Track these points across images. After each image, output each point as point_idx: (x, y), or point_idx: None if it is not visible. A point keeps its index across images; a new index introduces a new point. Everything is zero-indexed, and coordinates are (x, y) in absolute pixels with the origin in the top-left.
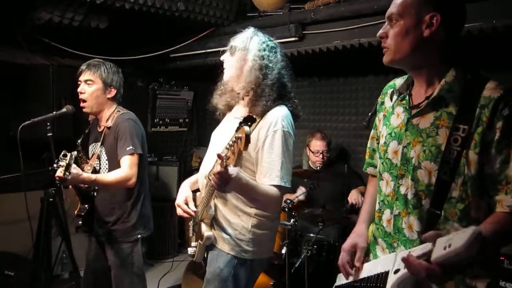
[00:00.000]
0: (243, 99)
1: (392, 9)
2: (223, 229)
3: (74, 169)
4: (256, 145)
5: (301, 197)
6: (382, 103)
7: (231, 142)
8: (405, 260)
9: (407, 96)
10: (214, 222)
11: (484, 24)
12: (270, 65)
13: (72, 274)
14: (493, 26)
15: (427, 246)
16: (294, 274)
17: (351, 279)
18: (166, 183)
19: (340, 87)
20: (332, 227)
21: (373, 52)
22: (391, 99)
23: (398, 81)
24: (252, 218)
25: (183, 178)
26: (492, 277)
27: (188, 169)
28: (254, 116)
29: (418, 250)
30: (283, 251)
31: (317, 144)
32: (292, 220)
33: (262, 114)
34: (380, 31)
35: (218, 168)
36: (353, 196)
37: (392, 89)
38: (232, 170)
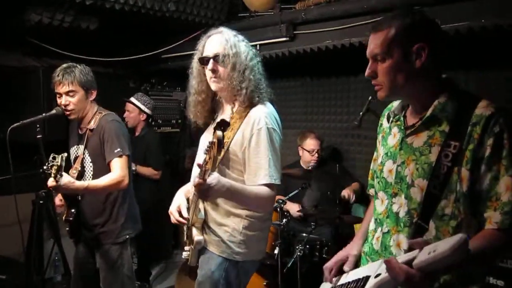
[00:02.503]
0: (230, 102)
1: (375, 49)
2: (214, 232)
3: (66, 177)
4: (242, 145)
5: (296, 214)
6: (381, 125)
7: (207, 148)
8: (387, 263)
9: (402, 118)
10: (205, 225)
11: (472, 23)
12: (251, 64)
13: (64, 276)
14: (482, 26)
15: (413, 253)
16: (287, 274)
17: (334, 283)
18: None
19: (332, 87)
20: (325, 226)
21: (364, 52)
22: (388, 121)
23: (395, 103)
24: (243, 220)
25: (176, 179)
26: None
27: (181, 170)
28: (228, 120)
29: (404, 257)
30: (276, 251)
31: (311, 143)
32: (284, 220)
33: (246, 113)
34: (368, 71)
35: (197, 180)
36: (346, 191)
37: (388, 111)
38: (212, 179)
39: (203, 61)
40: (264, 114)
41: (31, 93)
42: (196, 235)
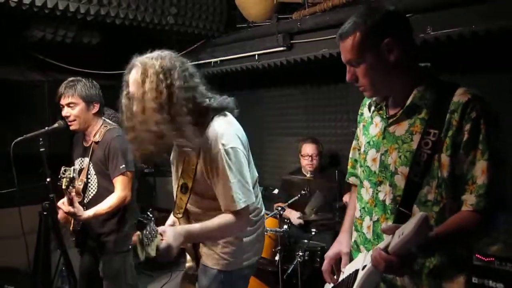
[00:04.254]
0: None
1: (347, 55)
2: (207, 246)
3: (76, 208)
4: (207, 173)
5: (296, 222)
6: (362, 114)
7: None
8: (373, 252)
9: (384, 107)
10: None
11: (463, 29)
12: (173, 92)
13: (71, 286)
14: (472, 31)
15: (388, 239)
16: (289, 280)
17: (332, 284)
18: (164, 194)
19: (331, 94)
20: (325, 232)
21: None
22: (370, 110)
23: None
24: None
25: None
26: (467, 279)
27: None
28: (147, 219)
29: (381, 244)
30: (277, 257)
31: (306, 148)
32: (285, 227)
33: (196, 137)
34: (348, 76)
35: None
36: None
37: (369, 101)
38: (166, 245)
39: None
40: (217, 136)
41: (36, 107)
42: (188, 262)
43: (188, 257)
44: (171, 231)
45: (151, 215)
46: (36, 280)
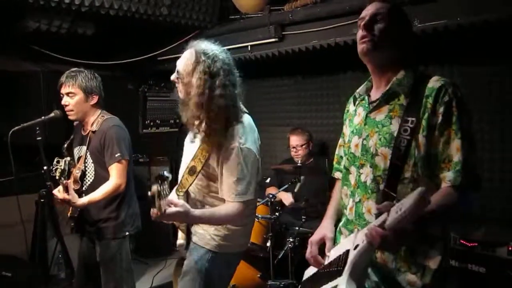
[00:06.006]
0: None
1: (380, 9)
2: (200, 225)
3: (70, 195)
4: (217, 163)
5: (289, 202)
6: (347, 111)
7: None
8: (367, 230)
9: (366, 97)
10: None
11: (449, 21)
12: (212, 82)
13: (68, 273)
14: (458, 24)
15: (383, 217)
16: (280, 266)
17: (316, 268)
18: None
19: (323, 84)
20: (315, 220)
21: (348, 51)
22: (354, 103)
23: (359, 89)
24: None
25: (175, 178)
26: (443, 256)
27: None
28: (167, 175)
29: (376, 222)
30: (268, 244)
31: (293, 139)
32: (276, 214)
33: (220, 136)
34: (366, 22)
35: (154, 211)
36: None
37: (354, 94)
38: (173, 211)
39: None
40: (238, 135)
41: (31, 97)
42: (179, 239)
43: (180, 234)
44: (184, 207)
45: (168, 175)
46: (33, 267)
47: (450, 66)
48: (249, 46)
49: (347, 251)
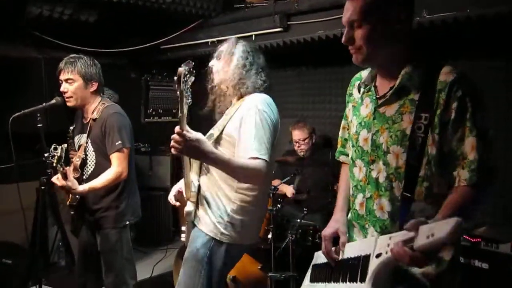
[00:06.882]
0: (230, 94)
1: (352, 16)
2: (205, 210)
3: (70, 182)
4: (236, 127)
5: (290, 193)
6: (351, 94)
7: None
8: (394, 245)
9: (373, 88)
10: (198, 202)
11: (458, 13)
12: (249, 62)
13: (68, 261)
14: (467, 16)
15: (408, 234)
16: (281, 258)
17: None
18: (160, 173)
19: (327, 76)
20: (317, 212)
21: None
22: (359, 91)
23: (364, 73)
24: (231, 203)
25: (177, 167)
26: (456, 247)
27: (181, 158)
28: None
29: (399, 236)
30: (269, 235)
31: (295, 134)
32: (278, 206)
33: (241, 98)
34: (344, 38)
35: (176, 128)
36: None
37: (358, 81)
38: (192, 135)
39: None
40: (258, 100)
41: (33, 83)
42: (187, 207)
43: (188, 203)
44: (201, 137)
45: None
46: (33, 255)
47: (455, 59)
48: (253, 36)
49: (368, 257)
